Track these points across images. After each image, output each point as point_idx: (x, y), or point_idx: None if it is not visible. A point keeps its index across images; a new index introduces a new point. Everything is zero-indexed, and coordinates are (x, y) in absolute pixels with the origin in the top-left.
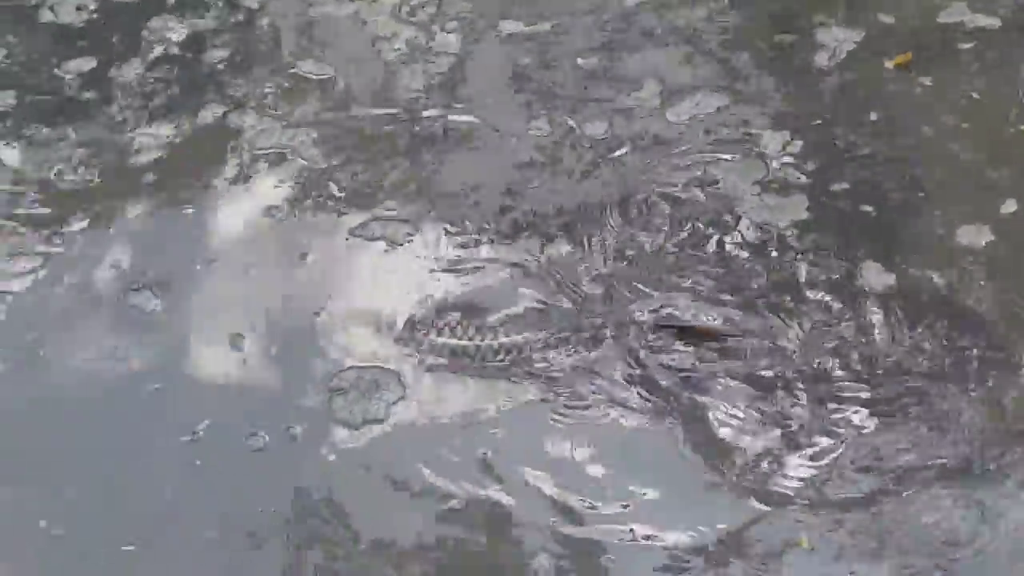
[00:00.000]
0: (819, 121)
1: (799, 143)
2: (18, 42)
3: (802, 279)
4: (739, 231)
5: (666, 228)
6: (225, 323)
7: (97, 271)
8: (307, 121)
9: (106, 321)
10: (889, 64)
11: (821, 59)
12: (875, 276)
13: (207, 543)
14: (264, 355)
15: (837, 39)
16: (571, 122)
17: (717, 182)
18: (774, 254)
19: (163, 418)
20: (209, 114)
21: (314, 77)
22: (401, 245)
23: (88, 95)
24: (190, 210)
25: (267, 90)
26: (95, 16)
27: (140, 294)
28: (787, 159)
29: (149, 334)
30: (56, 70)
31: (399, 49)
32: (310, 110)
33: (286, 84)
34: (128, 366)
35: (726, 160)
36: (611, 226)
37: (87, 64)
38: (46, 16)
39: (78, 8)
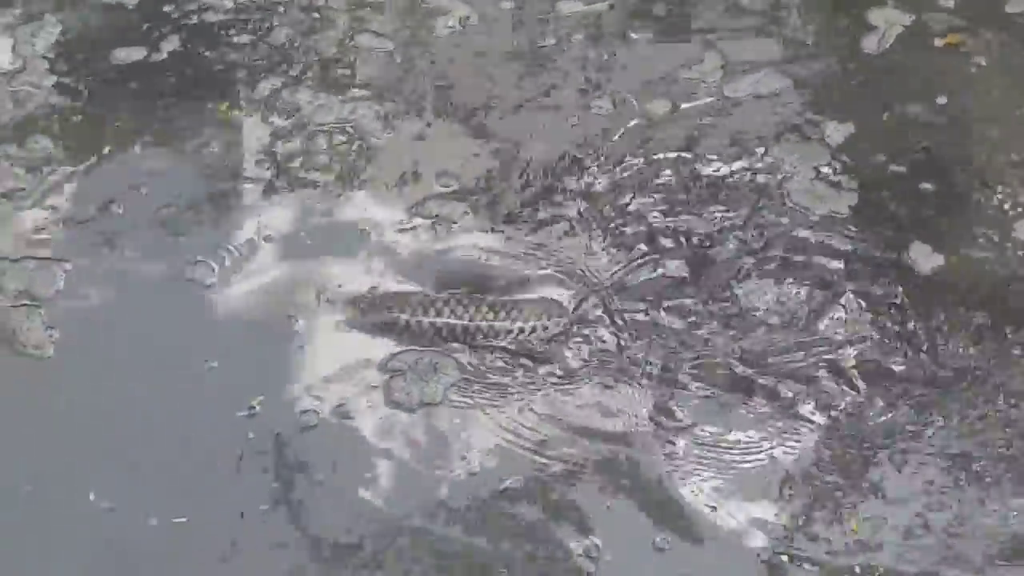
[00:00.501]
0: (876, 104)
1: (853, 125)
2: (77, 23)
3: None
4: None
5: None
6: (283, 302)
7: (155, 247)
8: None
9: (166, 296)
10: (940, 43)
11: (870, 42)
12: (924, 259)
13: (258, 515)
14: (321, 332)
15: (888, 20)
16: (633, 100)
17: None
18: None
19: (220, 393)
20: (267, 87)
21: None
22: (455, 223)
23: (136, 76)
24: (249, 186)
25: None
26: None
27: (198, 267)
28: (842, 139)
29: (208, 310)
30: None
31: (452, 26)
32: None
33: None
34: (186, 341)
35: (781, 140)
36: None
37: (135, 53)
38: None
39: None
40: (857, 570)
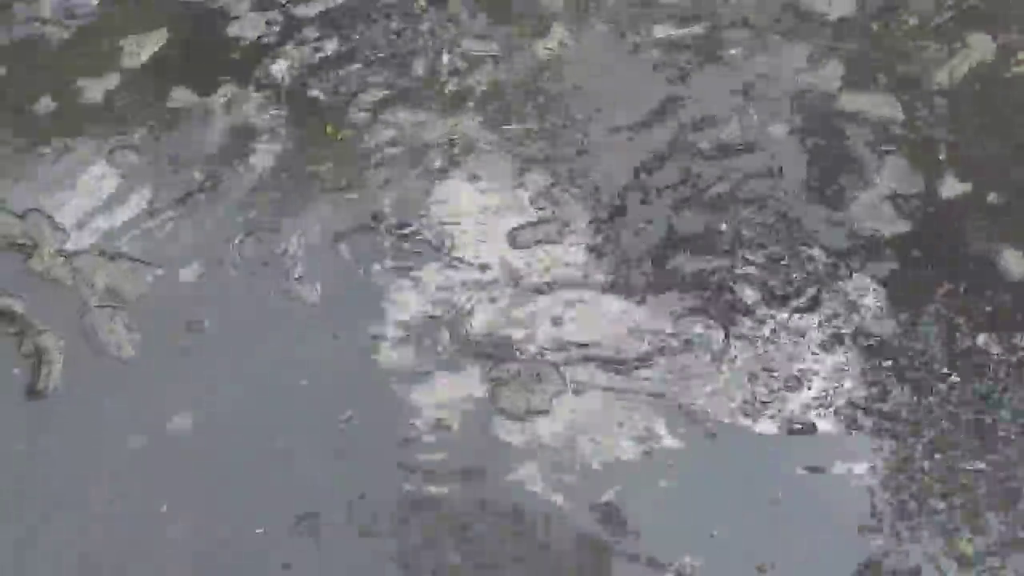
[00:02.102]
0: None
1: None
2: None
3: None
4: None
5: None
6: (388, 314)
7: (261, 268)
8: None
9: (271, 310)
10: None
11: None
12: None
13: (356, 531)
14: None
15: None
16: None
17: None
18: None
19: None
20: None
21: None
22: (561, 242)
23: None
24: (353, 196)
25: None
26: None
27: (302, 285)
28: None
29: (309, 325)
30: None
31: (551, 48)
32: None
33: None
34: (284, 355)
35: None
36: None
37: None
38: None
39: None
40: None
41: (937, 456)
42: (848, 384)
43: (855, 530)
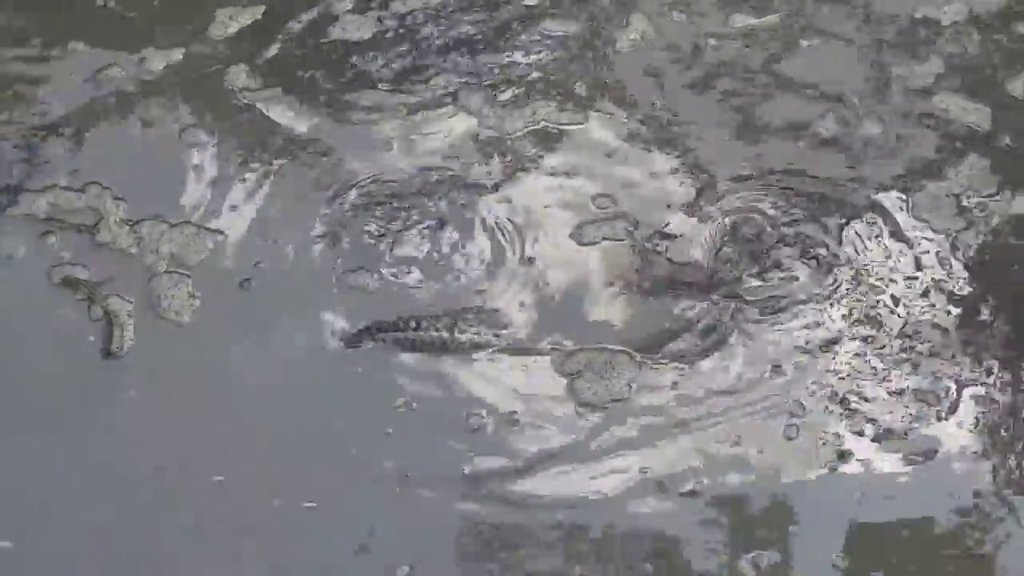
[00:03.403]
0: None
1: None
2: None
3: None
4: None
5: None
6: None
7: (317, 254)
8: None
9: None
10: None
11: None
12: None
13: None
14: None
15: None
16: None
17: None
18: None
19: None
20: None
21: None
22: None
23: None
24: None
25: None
26: None
27: (358, 275)
28: None
29: (376, 304)
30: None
31: (634, 39)
32: None
33: None
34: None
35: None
36: None
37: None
38: None
39: None
40: None
41: None
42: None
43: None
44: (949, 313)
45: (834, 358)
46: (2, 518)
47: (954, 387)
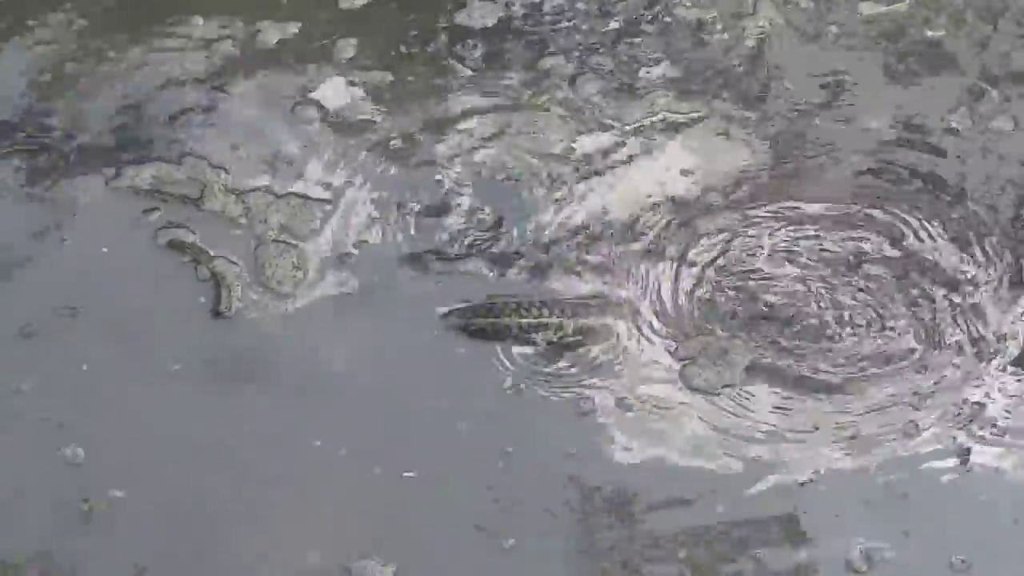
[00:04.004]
0: None
1: None
2: None
3: None
4: None
5: None
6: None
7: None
8: None
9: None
10: None
11: None
12: None
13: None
14: None
15: None
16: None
17: None
18: None
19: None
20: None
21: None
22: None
23: None
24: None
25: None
26: None
27: (469, 261)
28: None
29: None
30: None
31: (762, 27)
32: None
33: None
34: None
35: None
36: None
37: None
38: None
39: None
40: None
41: None
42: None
43: None
44: None
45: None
46: (116, 468)
47: None
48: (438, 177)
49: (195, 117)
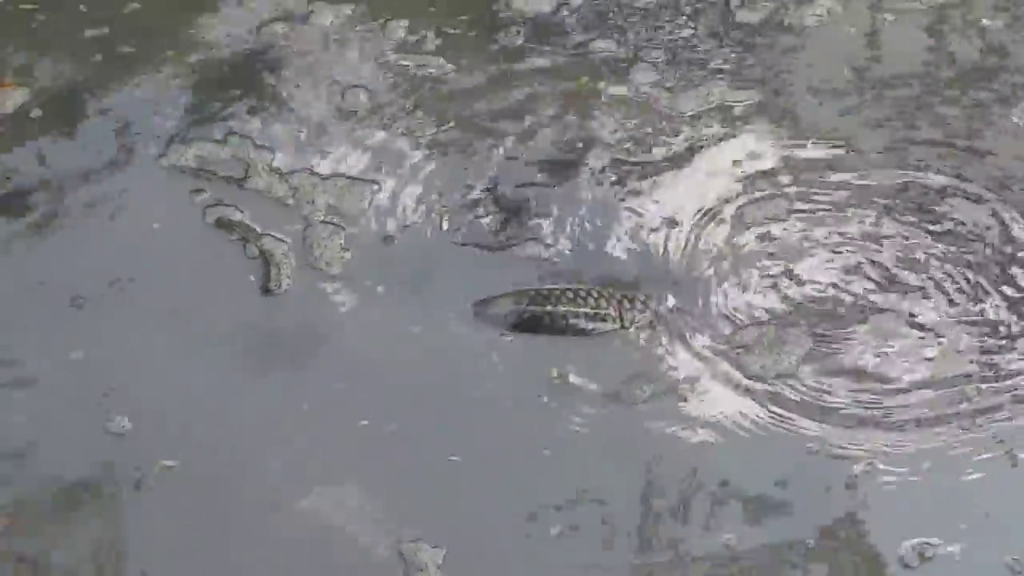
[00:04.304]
0: None
1: None
2: None
3: None
4: None
5: None
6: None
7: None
8: None
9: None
10: None
11: None
12: None
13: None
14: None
15: None
16: None
17: None
18: None
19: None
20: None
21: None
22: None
23: None
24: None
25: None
26: None
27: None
28: None
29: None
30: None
31: (820, 15)
32: None
33: None
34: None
35: None
36: None
37: None
38: None
39: None
40: None
41: None
42: None
43: None
44: None
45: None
46: (169, 439)
47: None
48: (489, 162)
49: (242, 104)
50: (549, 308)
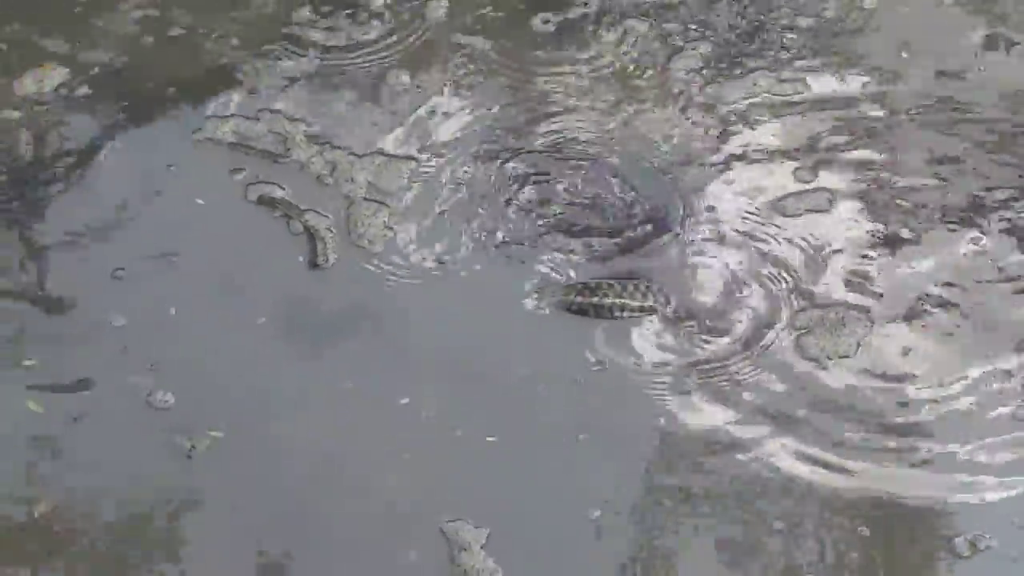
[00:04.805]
0: None
1: None
2: None
3: None
4: None
5: None
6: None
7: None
8: None
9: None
10: None
11: None
12: None
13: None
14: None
15: None
16: None
17: None
18: None
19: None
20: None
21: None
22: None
23: None
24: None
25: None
26: None
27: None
28: None
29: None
30: None
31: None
32: None
33: None
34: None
35: None
36: None
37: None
38: None
39: None
40: None
41: None
42: None
43: None
44: None
45: None
46: (217, 410)
47: None
48: (533, 150)
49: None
50: (595, 300)
